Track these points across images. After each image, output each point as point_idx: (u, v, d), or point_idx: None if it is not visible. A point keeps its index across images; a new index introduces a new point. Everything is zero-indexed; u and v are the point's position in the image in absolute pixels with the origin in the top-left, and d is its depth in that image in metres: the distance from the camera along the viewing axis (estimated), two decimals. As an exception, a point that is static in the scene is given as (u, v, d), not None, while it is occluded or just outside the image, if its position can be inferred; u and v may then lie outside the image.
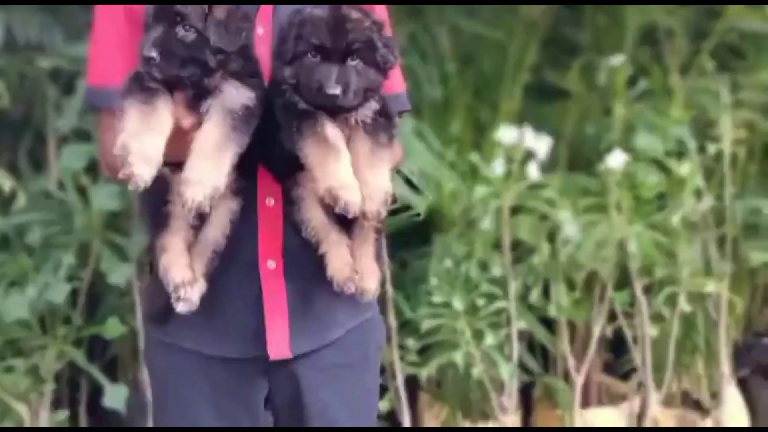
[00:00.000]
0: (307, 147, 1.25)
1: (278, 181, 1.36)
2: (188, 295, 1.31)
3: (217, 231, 1.34)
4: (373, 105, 1.30)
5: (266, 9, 1.36)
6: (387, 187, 1.27)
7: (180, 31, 1.22)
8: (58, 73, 2.68)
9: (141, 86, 1.23)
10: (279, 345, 1.39)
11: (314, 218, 1.34)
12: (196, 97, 1.25)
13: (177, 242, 1.33)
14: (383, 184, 1.27)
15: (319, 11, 1.26)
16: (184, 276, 1.31)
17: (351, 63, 1.25)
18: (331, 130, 1.26)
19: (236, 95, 1.25)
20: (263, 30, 1.35)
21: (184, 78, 1.23)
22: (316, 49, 1.25)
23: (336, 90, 1.23)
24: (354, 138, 1.28)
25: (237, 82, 1.26)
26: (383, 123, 1.30)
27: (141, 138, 1.19)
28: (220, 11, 1.24)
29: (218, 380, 1.40)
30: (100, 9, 1.39)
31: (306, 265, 1.37)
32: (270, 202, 1.37)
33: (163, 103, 1.23)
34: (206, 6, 1.23)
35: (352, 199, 1.22)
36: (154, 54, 1.21)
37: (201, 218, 1.33)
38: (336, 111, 1.27)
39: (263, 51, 1.33)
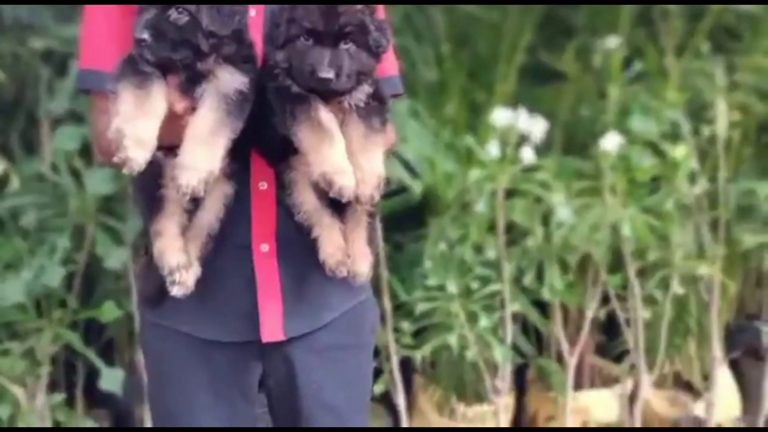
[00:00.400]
0: (301, 131, 1.25)
1: (271, 165, 1.36)
2: (183, 278, 1.32)
3: (211, 215, 1.35)
4: (366, 89, 1.29)
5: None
6: (380, 172, 1.27)
7: (173, 14, 1.21)
8: (49, 54, 2.66)
9: (135, 69, 1.22)
10: (272, 327, 1.39)
11: (306, 202, 1.34)
12: (190, 80, 1.25)
13: (171, 226, 1.33)
14: (377, 168, 1.27)
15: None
16: (179, 260, 1.32)
17: (344, 46, 1.25)
18: (325, 115, 1.26)
19: (230, 80, 1.25)
20: (256, 12, 1.35)
21: (176, 61, 1.23)
22: (308, 33, 1.24)
23: (329, 74, 1.23)
24: (347, 122, 1.28)
25: (231, 67, 1.26)
26: (376, 107, 1.30)
27: (135, 122, 1.19)
28: None
29: (213, 363, 1.41)
30: None
31: (299, 248, 1.37)
32: (263, 185, 1.37)
33: (157, 87, 1.22)
34: None
35: (346, 183, 1.22)
36: (146, 36, 1.20)
37: (195, 202, 1.33)
38: (329, 95, 1.26)
39: (255, 34, 1.32)
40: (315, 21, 1.24)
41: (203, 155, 1.21)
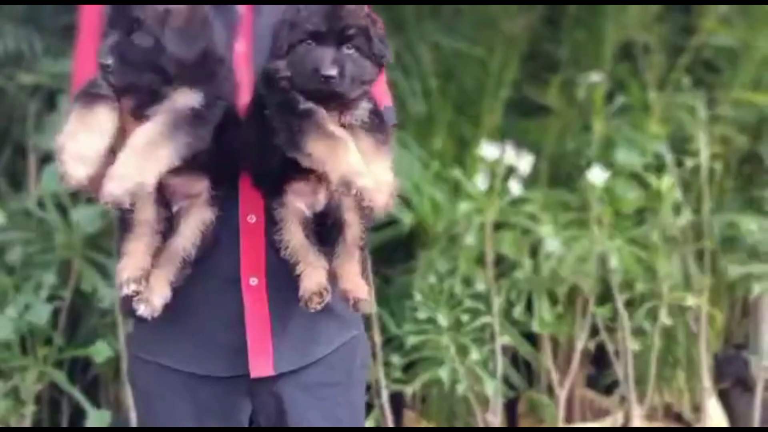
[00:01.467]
0: (312, 143, 1.23)
1: (263, 195, 1.35)
2: (144, 296, 1.27)
3: (186, 240, 1.32)
4: (367, 105, 1.29)
5: (247, 19, 1.35)
6: (392, 181, 1.27)
7: (137, 38, 1.20)
8: (37, 89, 2.66)
9: (85, 92, 1.22)
10: (261, 363, 1.38)
11: (294, 239, 1.33)
12: (145, 103, 1.23)
13: (139, 247, 1.29)
14: (389, 177, 1.27)
15: (314, 5, 1.26)
16: (131, 274, 1.27)
17: (346, 51, 1.24)
18: (334, 125, 1.25)
19: (183, 98, 1.23)
20: (244, 45, 1.35)
21: (142, 86, 1.22)
22: (311, 36, 1.24)
23: (332, 71, 1.22)
24: (354, 137, 1.27)
25: (187, 88, 1.24)
26: (378, 123, 1.30)
27: (76, 137, 1.18)
28: (177, 17, 1.21)
29: (200, 398, 1.39)
30: (81, 21, 1.38)
31: (289, 283, 1.35)
32: (251, 219, 1.36)
33: (103, 106, 1.21)
34: (164, 9, 1.20)
35: (366, 184, 1.20)
36: (110, 61, 1.19)
37: (170, 225, 1.31)
38: (333, 97, 1.25)
39: (243, 67, 1.32)
40: (318, 23, 1.23)
41: (134, 166, 1.18)
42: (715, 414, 3.02)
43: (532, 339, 2.88)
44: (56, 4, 2.34)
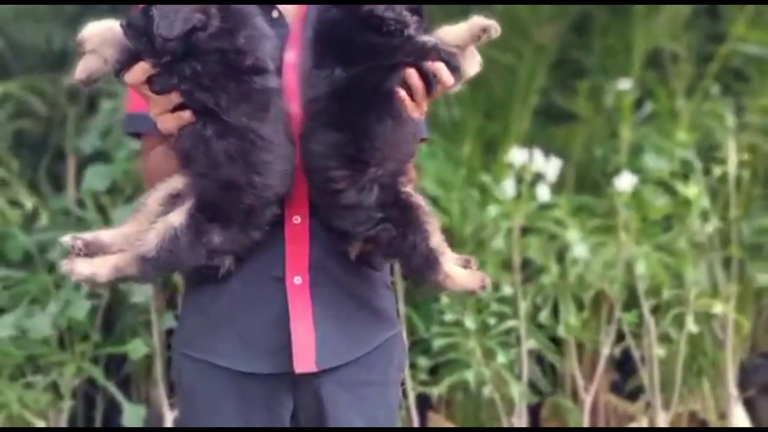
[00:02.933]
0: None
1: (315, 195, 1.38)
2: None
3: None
4: None
5: (295, 33, 1.38)
6: None
7: (150, 9, 1.20)
8: (77, 92, 2.74)
9: None
10: (305, 359, 1.41)
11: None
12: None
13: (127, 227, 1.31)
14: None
15: None
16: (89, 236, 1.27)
17: None
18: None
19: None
20: (293, 55, 1.37)
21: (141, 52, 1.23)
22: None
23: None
24: None
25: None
26: None
27: None
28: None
29: (247, 396, 1.43)
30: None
31: (332, 281, 1.40)
32: (297, 220, 1.40)
33: None
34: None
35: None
36: (123, 23, 1.22)
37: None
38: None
39: (291, 78, 1.35)
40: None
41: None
42: (740, 421, 3.02)
43: (558, 343, 2.90)
44: (103, 4, 2.40)
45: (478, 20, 1.33)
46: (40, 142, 2.78)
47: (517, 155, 2.67)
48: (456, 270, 1.38)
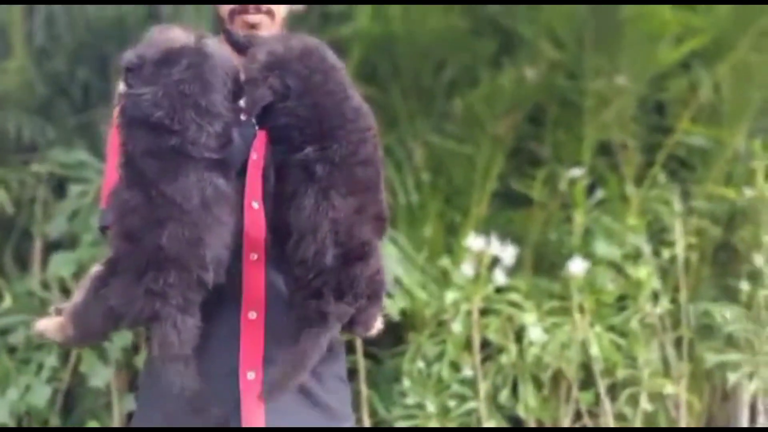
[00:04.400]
0: None
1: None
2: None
3: None
4: None
5: (261, 135, 1.42)
6: None
7: None
8: (43, 177, 2.79)
9: None
10: None
11: None
12: None
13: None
14: None
15: None
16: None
17: None
18: None
19: None
20: (257, 155, 1.47)
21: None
22: None
23: None
24: None
25: None
26: None
27: None
28: None
29: None
30: (110, 137, 1.51)
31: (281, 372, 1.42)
32: (252, 315, 1.42)
33: None
34: None
35: None
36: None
37: None
38: None
39: (254, 174, 1.39)
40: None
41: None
42: (696, 500, 3.07)
43: (518, 423, 2.95)
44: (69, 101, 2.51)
45: None
46: (7, 224, 2.80)
47: (475, 241, 2.78)
48: None
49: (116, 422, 2.60)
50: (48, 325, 1.32)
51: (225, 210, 1.30)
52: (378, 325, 1.47)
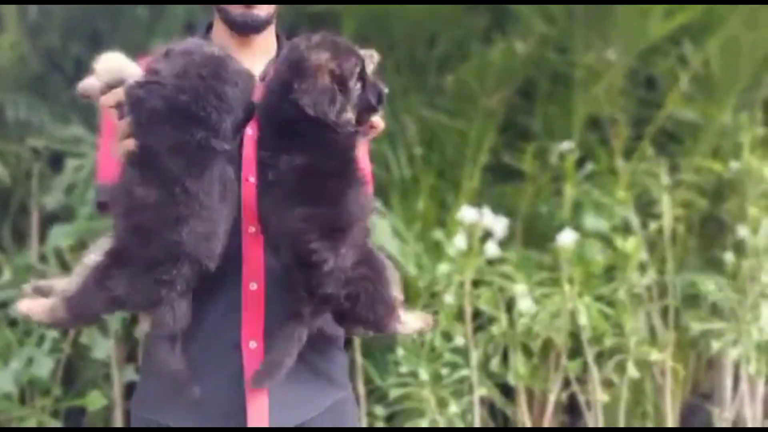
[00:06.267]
0: None
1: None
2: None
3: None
4: None
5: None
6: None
7: None
8: (40, 152, 2.81)
9: None
10: (258, 422, 1.46)
11: None
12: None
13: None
14: None
15: None
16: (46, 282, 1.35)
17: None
18: None
19: None
20: (252, 131, 1.50)
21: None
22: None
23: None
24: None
25: None
26: None
27: None
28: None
29: None
30: (104, 112, 1.53)
31: None
32: (253, 286, 1.47)
33: None
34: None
35: None
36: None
37: None
38: None
39: (249, 151, 1.41)
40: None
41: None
42: (680, 463, 3.18)
43: (508, 391, 3.03)
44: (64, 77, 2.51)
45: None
46: (4, 199, 2.82)
47: (467, 213, 2.83)
48: (407, 315, 1.47)
49: (115, 392, 2.65)
50: (32, 306, 1.32)
51: (232, 198, 1.33)
52: (406, 323, 1.46)
